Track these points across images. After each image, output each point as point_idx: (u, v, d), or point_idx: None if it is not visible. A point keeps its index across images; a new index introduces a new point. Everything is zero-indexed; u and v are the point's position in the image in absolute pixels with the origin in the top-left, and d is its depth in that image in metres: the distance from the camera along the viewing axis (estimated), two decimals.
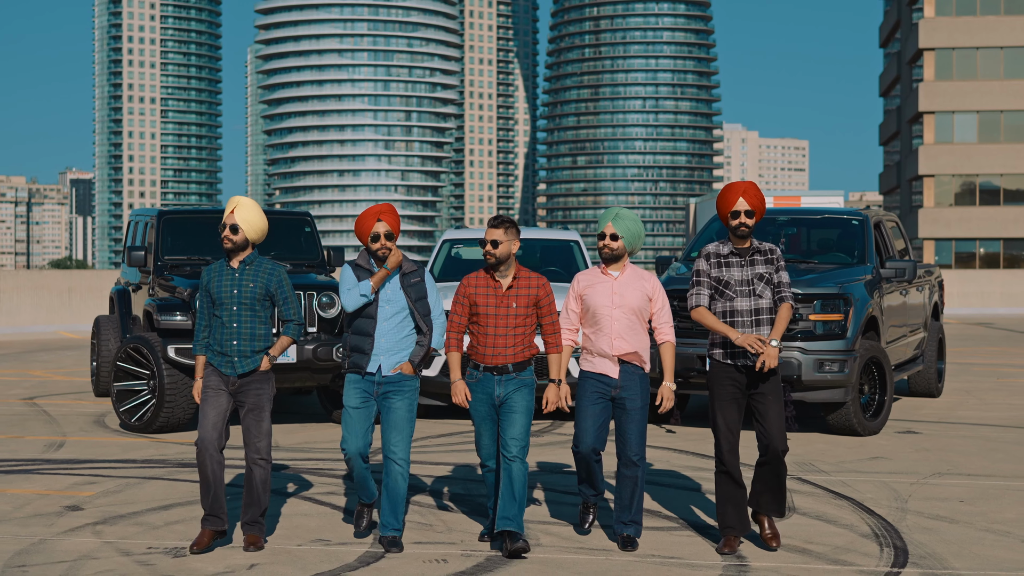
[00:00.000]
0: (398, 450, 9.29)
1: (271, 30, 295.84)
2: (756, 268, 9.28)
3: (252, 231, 9.36)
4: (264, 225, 9.45)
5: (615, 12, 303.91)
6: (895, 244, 17.59)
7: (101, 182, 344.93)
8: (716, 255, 9.37)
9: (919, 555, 9.15)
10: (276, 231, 17.00)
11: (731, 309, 9.24)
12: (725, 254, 9.34)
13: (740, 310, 9.22)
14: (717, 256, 9.36)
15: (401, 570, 8.72)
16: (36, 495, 11.36)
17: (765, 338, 9.10)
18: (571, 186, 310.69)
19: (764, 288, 9.25)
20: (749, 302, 9.23)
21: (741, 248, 9.33)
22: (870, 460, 13.37)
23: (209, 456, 9.20)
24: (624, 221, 9.39)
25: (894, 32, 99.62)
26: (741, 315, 9.21)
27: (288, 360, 14.99)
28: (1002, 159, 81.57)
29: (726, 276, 9.28)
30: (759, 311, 9.23)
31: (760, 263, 9.29)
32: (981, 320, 43.08)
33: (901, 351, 17.09)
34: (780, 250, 9.36)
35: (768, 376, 9.22)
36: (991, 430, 15.72)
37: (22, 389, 20.21)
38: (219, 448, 9.22)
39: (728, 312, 9.24)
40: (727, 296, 9.25)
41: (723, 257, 9.34)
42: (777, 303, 9.26)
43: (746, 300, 9.23)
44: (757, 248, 9.35)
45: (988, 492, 11.59)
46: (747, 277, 9.25)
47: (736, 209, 9.26)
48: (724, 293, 9.27)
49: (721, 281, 9.28)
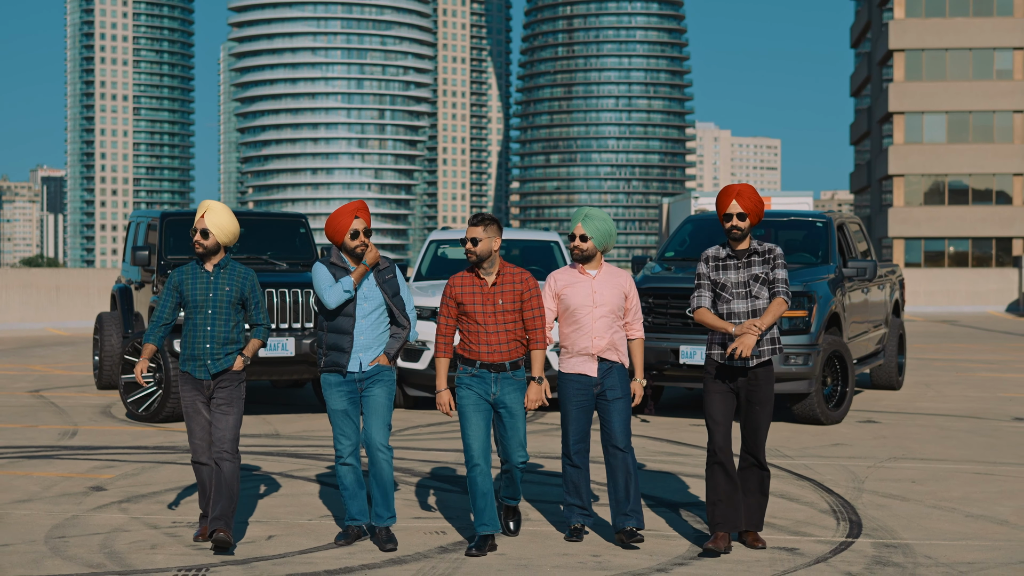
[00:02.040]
0: (379, 436, 9.42)
1: (244, 28, 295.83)
2: (753, 269, 9.38)
3: (223, 235, 9.45)
4: (235, 228, 9.54)
5: (588, 11, 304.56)
6: (858, 246, 18.60)
7: (73, 180, 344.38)
8: (715, 258, 9.49)
9: (872, 528, 10.13)
10: (272, 232, 17.98)
11: (728, 311, 9.36)
12: (722, 257, 9.46)
13: (737, 312, 9.33)
14: (716, 259, 9.48)
15: (405, 540, 9.66)
16: (60, 477, 12.28)
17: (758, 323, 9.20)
18: (544, 185, 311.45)
19: (760, 289, 9.36)
20: (746, 304, 9.33)
21: (738, 250, 9.43)
22: (831, 446, 14.36)
23: (206, 467, 9.50)
24: (593, 221, 9.56)
25: (865, 33, 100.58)
26: (739, 317, 9.33)
27: (286, 353, 15.95)
28: (971, 159, 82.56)
29: (723, 279, 9.39)
30: (756, 312, 9.33)
31: (757, 264, 9.39)
32: (946, 318, 44.16)
33: (863, 346, 18.12)
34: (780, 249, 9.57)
35: (762, 384, 9.34)
36: (946, 420, 16.74)
37: (26, 383, 21.11)
38: (212, 457, 9.43)
39: (726, 314, 9.36)
40: (724, 298, 9.37)
41: (720, 260, 9.45)
42: (773, 296, 9.37)
43: (743, 302, 9.34)
44: (755, 249, 9.44)
45: (938, 474, 12.60)
46: (743, 279, 9.36)
47: (729, 212, 9.35)
48: (721, 296, 9.38)
49: (718, 284, 9.40)
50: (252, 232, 17.81)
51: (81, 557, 9.08)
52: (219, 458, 9.37)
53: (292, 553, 9.26)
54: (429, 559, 9.11)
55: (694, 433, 15.41)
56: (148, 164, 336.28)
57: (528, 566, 8.90)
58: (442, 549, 9.43)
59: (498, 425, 9.45)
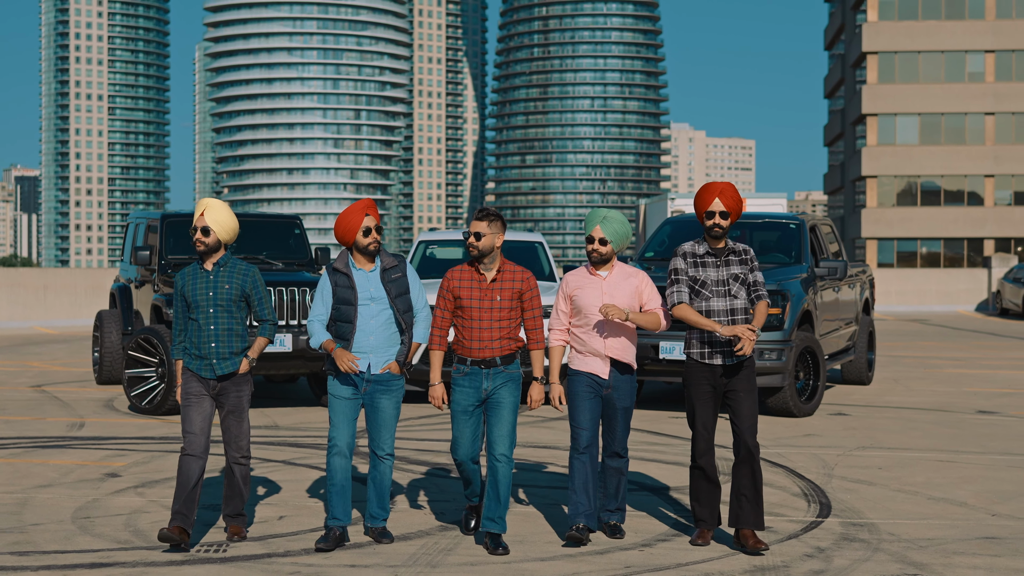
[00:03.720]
0: (386, 446, 9.46)
1: (220, 28, 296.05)
2: (731, 268, 9.43)
3: (224, 232, 9.47)
4: (235, 225, 9.57)
5: (564, 12, 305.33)
6: (829, 247, 19.41)
7: (47, 179, 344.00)
8: (692, 254, 9.48)
9: (840, 509, 10.91)
10: (269, 233, 18.78)
11: (707, 309, 9.38)
12: (701, 254, 9.47)
13: (716, 310, 9.37)
14: (693, 256, 9.48)
15: (408, 519, 10.40)
16: (76, 465, 12.98)
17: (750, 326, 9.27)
18: (520, 185, 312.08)
19: (739, 288, 9.41)
20: (725, 302, 9.38)
21: (717, 248, 9.46)
22: (804, 436, 15.15)
23: (196, 460, 9.30)
24: (612, 224, 9.47)
25: (839, 35, 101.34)
26: (717, 315, 9.36)
27: (284, 349, 16.68)
28: (943, 160, 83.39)
29: (702, 276, 9.41)
30: (734, 311, 9.39)
31: (735, 263, 9.45)
32: (917, 317, 45.04)
33: (834, 342, 18.92)
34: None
35: (743, 373, 9.41)
36: (913, 412, 17.56)
37: (27, 378, 21.79)
38: (205, 452, 9.35)
39: (704, 312, 9.38)
40: (703, 296, 9.39)
41: (699, 257, 9.46)
42: (754, 300, 9.43)
43: (722, 300, 9.38)
44: (732, 248, 9.49)
45: (903, 461, 13.40)
46: (723, 277, 9.41)
47: (711, 210, 9.38)
48: (700, 293, 9.40)
49: (697, 281, 9.41)
50: (249, 233, 18.55)
51: (109, 535, 9.78)
52: (235, 461, 9.61)
53: (304, 531, 9.97)
54: (431, 536, 9.85)
55: (673, 424, 16.18)
56: (123, 164, 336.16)
57: (523, 542, 9.63)
58: (442, 528, 10.16)
59: (488, 415, 9.37)
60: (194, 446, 9.31)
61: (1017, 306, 45.04)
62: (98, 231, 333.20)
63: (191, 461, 9.29)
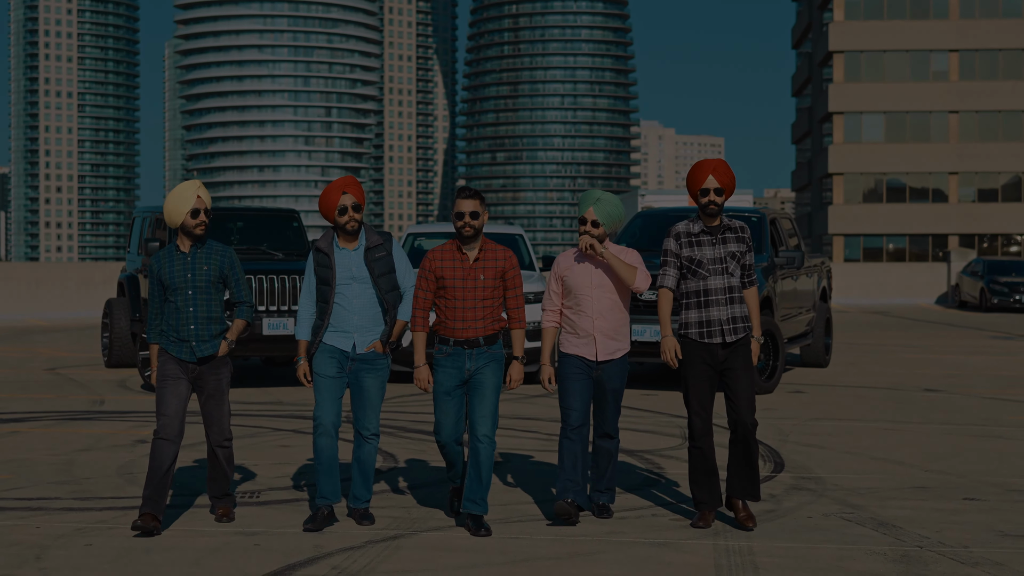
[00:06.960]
0: (371, 425, 9.43)
1: (190, 25, 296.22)
2: (728, 246, 9.31)
3: (209, 202, 9.42)
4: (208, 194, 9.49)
5: (533, 10, 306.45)
6: (789, 240, 20.93)
7: (17, 176, 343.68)
8: (687, 234, 9.36)
9: (792, 466, 12.38)
10: (268, 225, 20.18)
11: (704, 288, 9.29)
12: (696, 232, 9.35)
13: (713, 288, 9.28)
14: (688, 235, 9.36)
15: (414, 473, 11.81)
16: (106, 433, 14.38)
17: (678, 350, 9.28)
18: (491, 182, 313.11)
19: (736, 267, 9.32)
20: (722, 280, 9.29)
21: (712, 226, 9.33)
22: (763, 411, 16.58)
23: (170, 445, 9.16)
24: (605, 206, 9.32)
25: (806, 34, 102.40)
26: (715, 293, 9.28)
27: (288, 332, 18.04)
28: (908, 158, 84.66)
29: (698, 255, 9.29)
30: (731, 288, 9.31)
31: (732, 241, 9.33)
32: (879, 309, 46.63)
33: (793, 327, 20.45)
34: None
35: (740, 351, 9.35)
36: (865, 390, 19.10)
37: (40, 362, 23.25)
38: (179, 437, 9.21)
39: (702, 291, 9.29)
40: (700, 275, 9.29)
41: (694, 236, 9.34)
42: (747, 285, 9.42)
43: (719, 278, 9.29)
44: (728, 226, 9.36)
45: (851, 429, 14.92)
46: (720, 255, 9.29)
47: (705, 187, 9.27)
48: (697, 272, 9.30)
49: (693, 260, 9.30)
50: (249, 225, 20.01)
51: None
52: (218, 444, 9.51)
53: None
54: (409, 518, 11.23)
55: (647, 400, 17.63)
56: (93, 161, 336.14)
57: (507, 521, 10.84)
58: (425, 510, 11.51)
59: (470, 396, 9.30)
60: (168, 430, 9.17)
61: (975, 299, 46.75)
62: (68, 228, 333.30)
63: (165, 445, 9.16)
